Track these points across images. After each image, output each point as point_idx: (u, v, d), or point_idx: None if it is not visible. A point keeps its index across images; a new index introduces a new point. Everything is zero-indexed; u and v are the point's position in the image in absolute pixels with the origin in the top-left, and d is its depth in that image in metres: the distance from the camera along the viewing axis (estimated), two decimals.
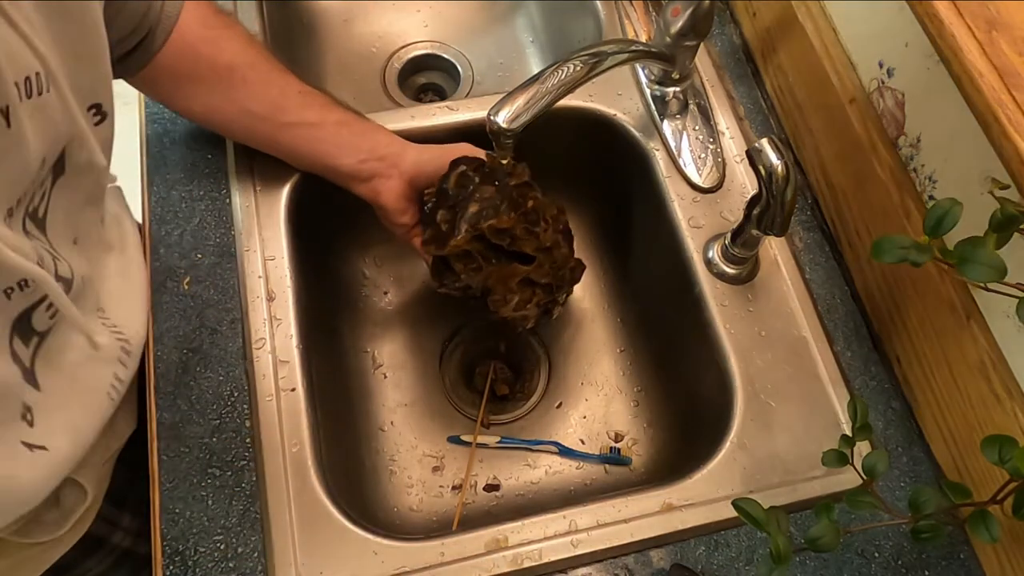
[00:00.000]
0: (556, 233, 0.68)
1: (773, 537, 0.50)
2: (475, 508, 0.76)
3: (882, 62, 0.65)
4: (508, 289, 0.67)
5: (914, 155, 0.63)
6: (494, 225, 0.63)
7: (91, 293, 0.59)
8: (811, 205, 0.76)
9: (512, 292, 0.67)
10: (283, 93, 0.68)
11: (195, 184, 0.73)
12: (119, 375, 0.61)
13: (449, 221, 0.65)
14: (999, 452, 0.48)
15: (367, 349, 0.83)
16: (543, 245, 0.66)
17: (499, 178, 0.65)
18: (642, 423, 0.81)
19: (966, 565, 0.61)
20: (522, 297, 0.68)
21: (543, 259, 0.67)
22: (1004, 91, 0.49)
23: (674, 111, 0.78)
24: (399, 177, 0.69)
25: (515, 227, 0.64)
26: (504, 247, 0.65)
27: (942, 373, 0.61)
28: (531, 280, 0.67)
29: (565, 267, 0.69)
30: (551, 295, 0.70)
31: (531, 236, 0.65)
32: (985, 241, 0.46)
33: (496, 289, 0.67)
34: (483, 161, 0.67)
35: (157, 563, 0.58)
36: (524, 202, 0.65)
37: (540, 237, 0.65)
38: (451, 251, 0.65)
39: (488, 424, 0.81)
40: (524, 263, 0.66)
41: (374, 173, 0.68)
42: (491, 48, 1.01)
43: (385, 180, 0.68)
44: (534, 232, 0.65)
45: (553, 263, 0.68)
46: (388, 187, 0.69)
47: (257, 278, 0.68)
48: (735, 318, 0.69)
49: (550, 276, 0.68)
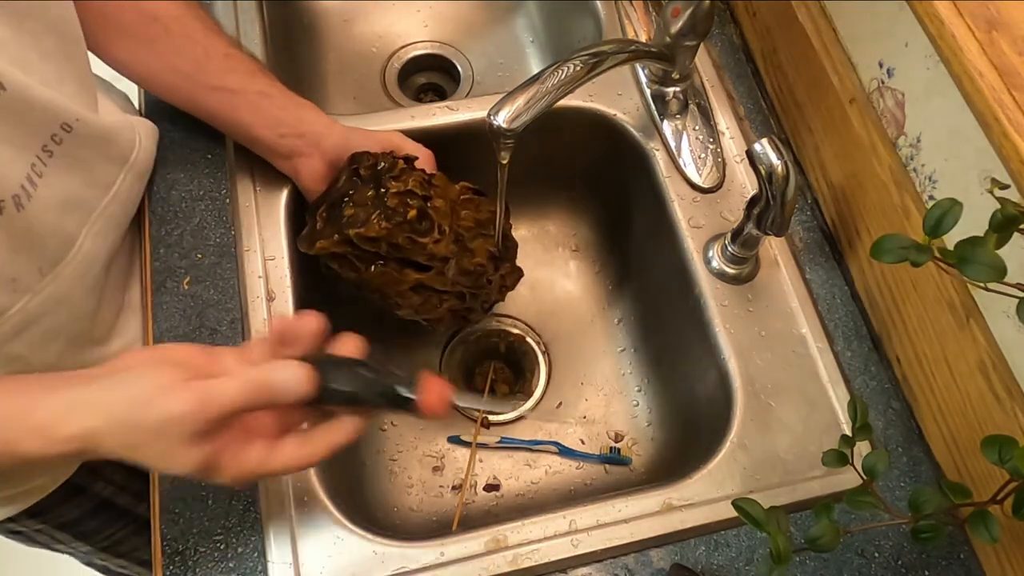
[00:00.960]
0: (464, 242, 0.66)
1: (773, 537, 0.50)
2: (475, 508, 0.76)
3: (882, 62, 0.65)
4: (399, 294, 0.66)
5: (914, 155, 0.63)
6: (361, 233, 0.62)
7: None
8: (811, 205, 0.76)
9: (404, 297, 0.66)
10: (207, 53, 0.66)
11: (195, 184, 0.73)
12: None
13: (326, 220, 0.64)
14: (999, 452, 0.48)
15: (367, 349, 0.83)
16: (437, 254, 0.64)
17: (384, 183, 0.63)
18: (642, 423, 0.81)
19: (966, 565, 0.61)
20: (426, 302, 0.67)
21: (441, 267, 0.65)
22: (1004, 91, 0.49)
23: (674, 111, 0.78)
24: (320, 157, 0.67)
25: (393, 236, 0.62)
26: (383, 253, 0.63)
27: (942, 373, 0.61)
28: (428, 287, 0.66)
29: (484, 275, 0.68)
30: (464, 302, 0.69)
31: (416, 245, 0.63)
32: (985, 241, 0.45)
33: (387, 292, 0.66)
34: (377, 159, 0.65)
35: (157, 563, 0.58)
36: (404, 211, 0.62)
37: (429, 248, 0.64)
38: (316, 252, 0.64)
39: (488, 424, 0.81)
40: (418, 270, 0.65)
41: (293, 150, 0.67)
42: (491, 48, 1.01)
43: (306, 159, 0.67)
44: (420, 242, 0.63)
45: (463, 272, 0.66)
46: (308, 166, 0.67)
47: (257, 278, 0.68)
48: (735, 318, 0.69)
49: (459, 284, 0.67)
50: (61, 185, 0.58)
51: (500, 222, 0.68)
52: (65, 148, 0.58)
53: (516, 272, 0.72)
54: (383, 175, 0.64)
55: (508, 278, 0.71)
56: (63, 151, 0.58)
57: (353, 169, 0.65)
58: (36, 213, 0.55)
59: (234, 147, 0.73)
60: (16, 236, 0.54)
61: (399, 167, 0.64)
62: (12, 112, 0.52)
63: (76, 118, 0.58)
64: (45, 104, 0.55)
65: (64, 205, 0.59)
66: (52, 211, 0.57)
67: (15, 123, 0.53)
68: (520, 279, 0.73)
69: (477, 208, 0.69)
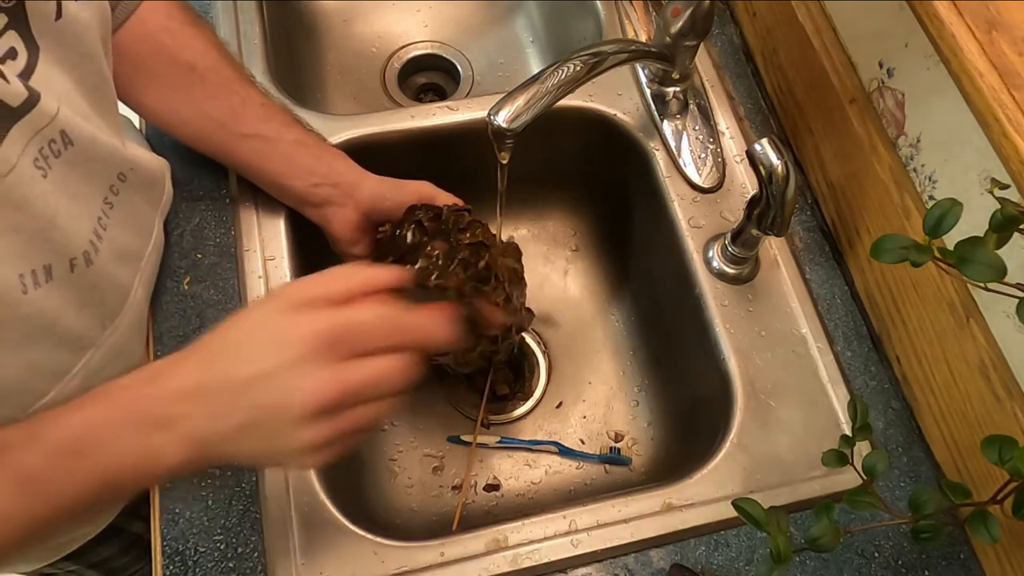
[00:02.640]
0: (507, 289, 0.66)
1: (773, 537, 0.50)
2: (475, 508, 0.76)
3: (882, 62, 0.65)
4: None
5: (914, 155, 0.63)
6: (440, 284, 0.62)
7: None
8: (811, 205, 0.76)
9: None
10: (244, 102, 0.66)
11: (195, 184, 0.73)
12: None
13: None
14: (999, 452, 0.48)
15: None
16: (493, 302, 0.65)
17: (454, 234, 0.64)
18: (642, 423, 0.81)
19: (966, 565, 0.61)
20: (465, 348, 0.67)
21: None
22: (1004, 91, 0.49)
23: (674, 111, 0.78)
24: (353, 207, 0.67)
25: (463, 286, 0.62)
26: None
27: (942, 373, 0.61)
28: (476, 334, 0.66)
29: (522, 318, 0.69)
30: (494, 345, 0.69)
31: (479, 295, 0.64)
32: (985, 241, 0.46)
33: None
34: (440, 211, 0.65)
35: (157, 563, 0.58)
36: (476, 261, 0.63)
37: (489, 296, 0.64)
38: None
39: (488, 424, 0.81)
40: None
41: (327, 199, 0.66)
42: (491, 48, 1.01)
43: (338, 208, 0.67)
44: (483, 291, 0.64)
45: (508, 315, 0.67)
46: (341, 216, 0.67)
47: (257, 278, 0.68)
48: (735, 318, 0.69)
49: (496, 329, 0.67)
50: (120, 236, 0.58)
51: (500, 222, 0.68)
52: (122, 197, 0.58)
53: (529, 315, 0.73)
54: (451, 226, 0.64)
55: (524, 320, 0.72)
56: (120, 200, 0.58)
57: (415, 221, 0.65)
58: (101, 266, 0.55)
59: None
60: (83, 292, 0.54)
61: (467, 219, 0.64)
62: (79, 166, 0.52)
63: (130, 167, 0.58)
64: (107, 155, 0.55)
65: (122, 256, 0.59)
66: (113, 263, 0.57)
67: (82, 177, 0.53)
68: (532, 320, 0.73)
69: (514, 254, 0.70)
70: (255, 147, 0.66)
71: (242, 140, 0.66)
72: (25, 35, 0.47)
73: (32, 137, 0.47)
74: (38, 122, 0.47)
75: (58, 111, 0.48)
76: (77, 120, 0.50)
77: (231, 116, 0.65)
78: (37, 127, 0.47)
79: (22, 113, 0.45)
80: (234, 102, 0.65)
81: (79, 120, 0.51)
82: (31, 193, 0.47)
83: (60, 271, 0.51)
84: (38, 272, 0.49)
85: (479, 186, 0.70)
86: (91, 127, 0.52)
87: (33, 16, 0.47)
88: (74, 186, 0.52)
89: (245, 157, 0.67)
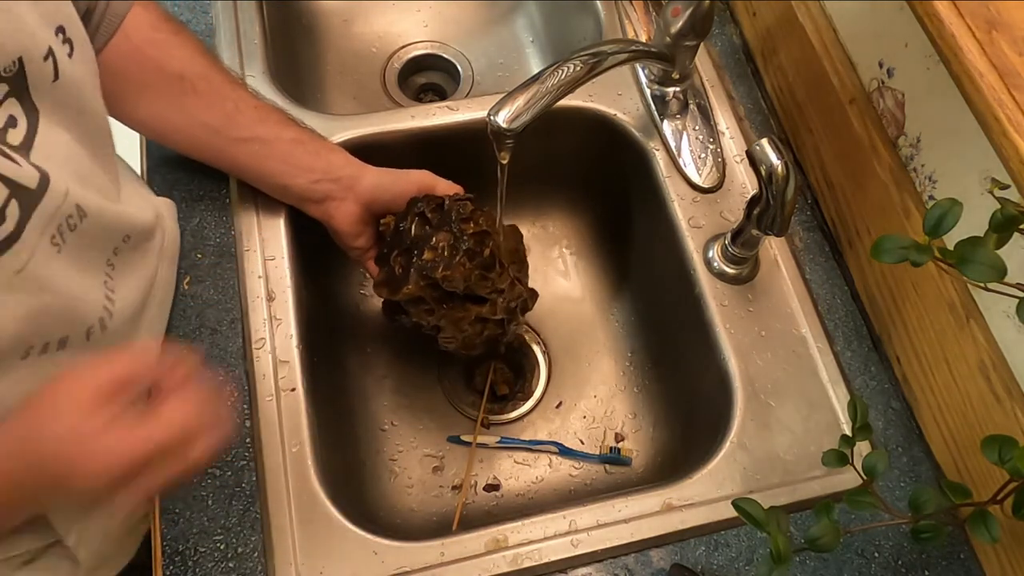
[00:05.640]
0: (512, 274, 0.67)
1: (773, 537, 0.50)
2: (475, 508, 0.76)
3: (882, 62, 0.65)
4: (459, 329, 0.67)
5: (914, 155, 0.63)
6: (448, 275, 0.62)
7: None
8: (811, 205, 0.76)
9: (462, 331, 0.67)
10: (237, 107, 0.65)
11: (195, 184, 0.73)
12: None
13: (403, 266, 0.65)
14: (999, 452, 0.48)
15: (367, 349, 0.83)
16: (497, 287, 0.65)
17: (457, 224, 0.64)
18: (642, 423, 0.81)
19: (966, 565, 0.61)
20: (472, 332, 0.68)
21: (496, 299, 0.66)
22: (1004, 91, 0.49)
23: (674, 111, 0.78)
24: (354, 200, 0.67)
25: (470, 275, 0.63)
26: (459, 293, 0.65)
27: (942, 373, 0.62)
28: (483, 318, 0.67)
29: (518, 300, 0.69)
30: (501, 328, 0.70)
31: (485, 281, 0.64)
32: (985, 241, 0.46)
33: (447, 328, 0.67)
34: (442, 201, 0.65)
35: (157, 563, 0.58)
36: (481, 250, 0.64)
37: (495, 281, 0.65)
38: (403, 298, 0.64)
39: (488, 424, 0.81)
40: (477, 303, 0.66)
41: (327, 195, 0.67)
42: (491, 48, 1.01)
43: (339, 203, 0.67)
44: (488, 277, 0.64)
45: (506, 301, 0.67)
46: (343, 210, 0.67)
47: (257, 278, 0.68)
48: (735, 318, 0.69)
49: (503, 312, 0.68)
50: (128, 296, 0.58)
51: (500, 222, 0.68)
52: (122, 257, 0.58)
53: (533, 295, 0.73)
54: (454, 217, 0.64)
55: (528, 300, 0.72)
56: (121, 260, 0.58)
57: (418, 213, 0.65)
58: (115, 328, 0.56)
59: None
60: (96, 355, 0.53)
61: (469, 208, 0.65)
62: (88, 236, 0.52)
63: (135, 229, 0.58)
64: (114, 223, 0.55)
65: (134, 314, 0.59)
66: (125, 322, 0.58)
67: (90, 246, 0.53)
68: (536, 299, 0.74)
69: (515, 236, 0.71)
70: (253, 150, 0.66)
71: (239, 144, 0.66)
72: (25, 101, 0.47)
73: (52, 215, 0.48)
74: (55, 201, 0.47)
75: (68, 189, 0.49)
76: (87, 192, 0.51)
77: (226, 122, 0.65)
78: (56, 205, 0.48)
79: (39, 196, 0.46)
80: (227, 108, 0.65)
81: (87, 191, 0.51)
82: (49, 271, 0.48)
83: (77, 341, 0.52)
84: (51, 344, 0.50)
85: (479, 186, 0.70)
86: (98, 195, 0.53)
87: (33, 82, 0.47)
88: (84, 255, 0.52)
89: (243, 161, 0.67)
